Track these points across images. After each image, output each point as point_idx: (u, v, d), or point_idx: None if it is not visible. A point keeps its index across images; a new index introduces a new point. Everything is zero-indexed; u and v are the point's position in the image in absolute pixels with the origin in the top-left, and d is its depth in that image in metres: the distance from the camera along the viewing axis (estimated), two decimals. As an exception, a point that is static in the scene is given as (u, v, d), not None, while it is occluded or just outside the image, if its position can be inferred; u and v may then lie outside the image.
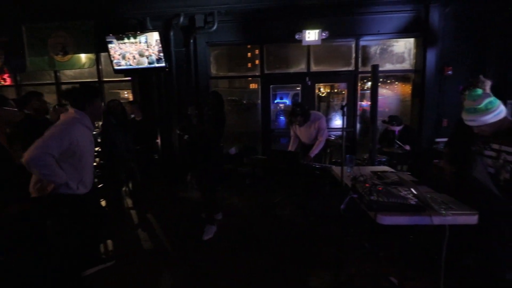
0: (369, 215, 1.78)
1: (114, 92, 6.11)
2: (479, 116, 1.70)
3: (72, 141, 1.97)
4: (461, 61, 4.47)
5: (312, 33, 4.58)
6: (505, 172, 1.62)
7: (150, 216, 3.71)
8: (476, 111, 1.70)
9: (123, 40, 4.57)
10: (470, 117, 1.74)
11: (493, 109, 1.67)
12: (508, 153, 1.62)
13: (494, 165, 1.68)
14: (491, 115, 1.67)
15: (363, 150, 4.89)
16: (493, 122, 1.67)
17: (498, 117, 1.68)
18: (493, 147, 1.68)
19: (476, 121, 1.72)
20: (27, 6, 4.61)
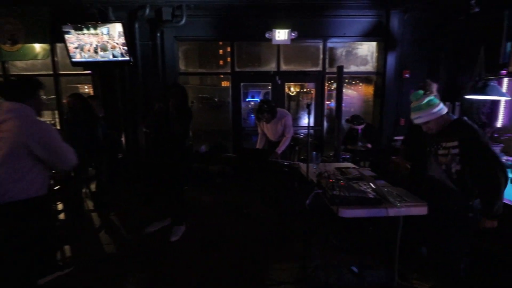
0: (332, 209, 1.86)
1: (73, 86, 5.67)
2: (423, 112, 1.86)
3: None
4: (417, 65, 4.83)
5: (282, 33, 4.65)
6: (456, 164, 1.79)
7: (114, 218, 3.51)
8: (420, 108, 1.87)
9: (82, 31, 4.25)
10: (416, 114, 1.90)
11: (434, 105, 1.84)
12: (452, 147, 1.79)
13: (445, 161, 1.84)
14: (433, 110, 1.84)
15: (330, 147, 5.09)
16: (435, 118, 1.84)
17: (440, 113, 1.84)
18: (444, 145, 1.84)
19: (421, 117, 1.88)
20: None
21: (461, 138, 1.75)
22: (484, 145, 1.70)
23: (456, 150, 1.77)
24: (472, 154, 1.72)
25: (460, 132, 1.76)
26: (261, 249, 2.75)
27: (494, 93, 3.07)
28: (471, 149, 1.72)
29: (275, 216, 3.45)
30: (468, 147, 1.72)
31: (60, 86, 5.05)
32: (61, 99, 5.05)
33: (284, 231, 3.10)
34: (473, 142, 1.71)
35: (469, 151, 1.72)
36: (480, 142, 1.70)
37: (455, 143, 1.77)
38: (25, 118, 1.74)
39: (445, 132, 1.83)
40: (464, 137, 1.74)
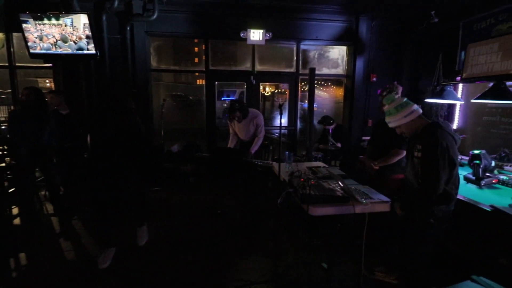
0: (303, 207, 1.90)
1: (31, 80, 5.24)
2: (393, 117, 1.92)
3: None
4: (383, 70, 5.12)
5: (256, 33, 4.68)
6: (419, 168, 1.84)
7: (75, 223, 3.29)
8: (390, 113, 1.94)
9: (42, 21, 3.93)
10: (388, 119, 1.97)
11: (404, 110, 1.88)
12: (418, 150, 1.84)
13: (416, 164, 1.88)
14: (402, 115, 1.86)
15: (303, 147, 5.21)
16: (406, 123, 1.88)
17: (410, 118, 1.85)
18: (418, 148, 1.87)
19: (391, 122, 1.95)
20: None
21: (424, 143, 1.78)
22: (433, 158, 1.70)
23: (419, 154, 1.81)
24: (423, 159, 1.77)
25: (425, 137, 1.79)
26: (233, 249, 2.75)
27: (450, 97, 3.34)
28: (423, 155, 1.77)
29: (248, 216, 3.46)
30: (423, 153, 1.77)
31: (17, 79, 4.63)
32: (17, 94, 4.64)
33: (257, 230, 3.12)
34: (429, 149, 1.73)
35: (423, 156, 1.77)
36: (433, 152, 1.71)
37: (420, 147, 1.82)
38: None
39: (418, 135, 1.87)
40: (425, 142, 1.77)
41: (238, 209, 3.65)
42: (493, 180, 2.49)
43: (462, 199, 2.18)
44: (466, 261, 2.18)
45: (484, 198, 2.18)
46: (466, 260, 2.19)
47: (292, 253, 2.64)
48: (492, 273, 1.80)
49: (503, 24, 3.51)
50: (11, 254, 2.62)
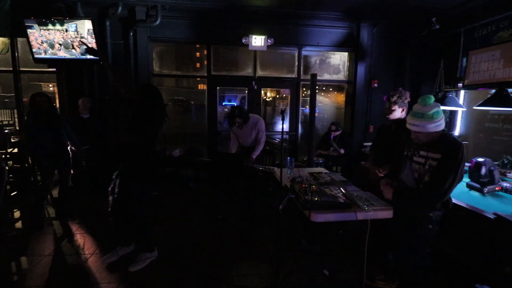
0: (304, 213, 1.89)
1: (35, 84, 5.29)
2: (424, 122, 1.74)
3: None
4: (384, 76, 5.14)
5: (258, 39, 4.71)
6: (427, 177, 1.80)
7: (75, 228, 3.28)
8: (423, 116, 1.75)
9: (46, 26, 3.98)
10: (415, 121, 1.78)
11: (437, 120, 1.73)
12: (432, 159, 1.79)
13: (419, 170, 1.85)
14: (433, 125, 1.73)
15: (304, 152, 5.21)
16: (431, 132, 1.74)
17: (437, 128, 1.74)
18: (422, 154, 1.84)
19: (418, 127, 1.76)
20: None
21: (446, 153, 1.71)
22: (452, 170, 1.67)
23: (435, 163, 1.74)
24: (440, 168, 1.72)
25: (447, 147, 1.72)
26: (233, 254, 2.73)
27: (452, 103, 3.35)
28: (443, 165, 1.71)
29: (248, 221, 3.44)
30: (443, 162, 1.71)
31: (21, 84, 4.67)
32: (21, 98, 4.67)
33: (257, 235, 3.10)
34: (450, 160, 1.68)
35: (442, 165, 1.72)
36: (454, 164, 1.67)
37: (437, 156, 1.74)
38: None
39: (429, 143, 1.81)
40: (448, 153, 1.70)
41: (239, 214, 3.63)
42: (496, 188, 2.47)
43: (465, 206, 2.17)
44: (470, 270, 2.15)
45: (487, 206, 2.16)
46: (470, 269, 2.16)
47: (293, 259, 2.61)
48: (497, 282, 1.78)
49: (505, 31, 3.53)
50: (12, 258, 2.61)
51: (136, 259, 2.52)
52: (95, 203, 3.92)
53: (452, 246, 2.19)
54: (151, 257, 2.58)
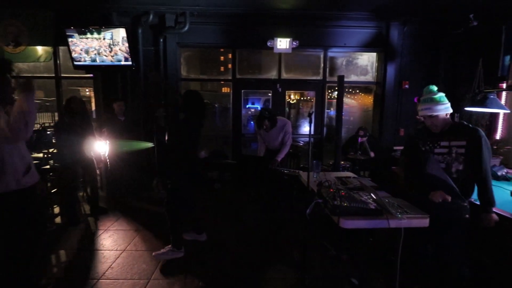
0: (333, 219, 1.84)
1: (74, 89, 5.68)
2: (434, 104, 1.93)
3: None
4: (416, 76, 4.89)
5: (283, 41, 4.71)
6: (458, 164, 1.88)
7: (108, 225, 3.47)
8: (432, 100, 1.94)
9: (85, 35, 4.28)
10: (426, 105, 1.96)
11: (444, 102, 1.93)
12: (458, 146, 1.88)
13: (445, 160, 1.92)
14: (442, 107, 1.92)
15: (329, 156, 5.10)
16: (442, 114, 1.92)
17: (447, 111, 1.93)
18: (443, 144, 1.93)
19: (430, 109, 1.93)
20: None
21: (470, 139, 1.84)
22: (486, 148, 1.83)
23: (462, 150, 1.86)
24: (475, 154, 1.83)
25: (469, 133, 1.86)
26: (257, 257, 2.72)
27: (494, 105, 3.09)
28: (476, 150, 1.82)
29: (272, 224, 3.43)
30: (474, 147, 1.83)
31: (62, 89, 5.05)
32: (61, 102, 5.05)
33: (282, 239, 3.07)
34: (480, 143, 1.82)
35: (474, 151, 1.83)
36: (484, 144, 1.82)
37: (462, 143, 1.86)
38: None
39: (447, 132, 1.93)
40: (472, 138, 1.84)
41: (262, 217, 3.63)
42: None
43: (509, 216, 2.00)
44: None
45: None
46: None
47: (319, 266, 2.55)
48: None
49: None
50: (52, 251, 2.81)
51: (164, 249, 2.69)
52: (127, 202, 4.12)
53: (493, 258, 2.02)
54: (177, 254, 2.68)
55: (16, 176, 1.73)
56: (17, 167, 1.74)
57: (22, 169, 1.76)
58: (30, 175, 1.81)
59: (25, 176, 1.78)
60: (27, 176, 1.79)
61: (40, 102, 6.25)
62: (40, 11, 4.49)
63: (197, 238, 3.00)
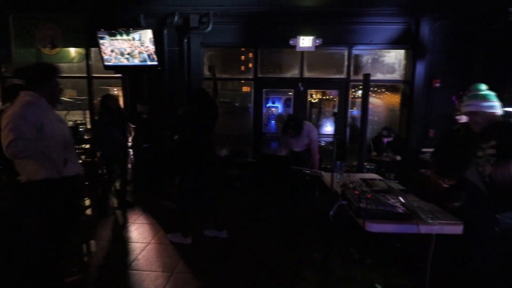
0: (358, 222, 1.79)
1: (104, 88, 5.97)
2: (477, 101, 1.81)
3: (38, 121, 1.78)
4: (448, 74, 4.61)
5: (306, 40, 4.64)
6: (489, 166, 1.73)
7: (134, 218, 3.61)
8: (477, 97, 1.84)
9: (115, 36, 4.48)
10: (469, 102, 1.85)
11: (491, 100, 1.80)
12: (489, 147, 1.74)
13: (481, 163, 1.78)
14: (486, 103, 1.79)
15: (353, 157, 4.95)
16: (485, 112, 1.78)
17: (492, 109, 1.79)
18: (482, 146, 1.78)
19: (471, 106, 1.83)
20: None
21: (499, 138, 1.70)
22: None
23: (492, 151, 1.72)
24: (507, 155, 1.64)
25: (499, 132, 1.72)
26: (278, 257, 2.70)
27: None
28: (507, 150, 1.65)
29: (293, 224, 3.39)
30: (505, 147, 1.67)
31: (93, 88, 5.33)
32: (92, 100, 5.33)
33: (303, 240, 3.03)
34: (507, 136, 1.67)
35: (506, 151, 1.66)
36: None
37: (492, 143, 1.73)
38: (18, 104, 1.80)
39: (485, 132, 1.80)
40: (502, 136, 1.69)
41: (283, 217, 3.60)
42: None
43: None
44: None
45: None
46: None
47: (342, 269, 2.49)
48: None
49: None
50: (83, 241, 2.98)
51: (175, 232, 2.97)
52: (152, 197, 4.27)
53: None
54: (182, 241, 2.91)
55: (56, 167, 1.89)
56: (57, 159, 1.89)
57: (61, 161, 1.91)
58: (68, 167, 1.95)
59: (64, 167, 1.93)
60: (66, 168, 1.94)
61: (72, 101, 6.64)
62: (74, 14, 4.77)
63: (218, 235, 3.06)
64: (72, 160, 2.01)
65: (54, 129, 1.89)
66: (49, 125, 1.85)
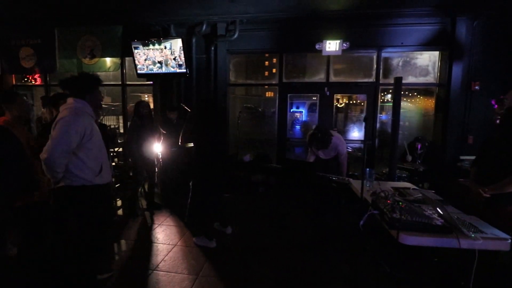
0: (391, 233, 1.69)
1: (135, 95, 6.30)
2: None
3: (82, 131, 1.91)
4: (489, 76, 4.28)
5: (332, 44, 4.56)
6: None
7: (162, 219, 3.72)
8: None
9: (148, 46, 4.72)
10: None
11: None
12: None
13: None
14: None
15: (382, 164, 4.74)
16: None
17: None
18: None
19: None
20: (60, 11, 4.86)
21: None
22: None
23: None
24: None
25: None
26: (303, 266, 2.64)
27: None
28: None
29: (319, 232, 3.30)
30: None
31: (126, 95, 5.64)
32: (126, 106, 5.64)
33: (328, 249, 2.93)
34: None
35: None
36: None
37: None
38: (68, 111, 1.94)
39: None
40: None
41: (308, 224, 3.52)
42: None
43: None
44: None
45: None
46: None
47: (371, 282, 2.37)
48: None
49: None
50: (114, 240, 3.12)
51: (199, 236, 3.05)
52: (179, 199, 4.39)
53: None
54: (208, 244, 2.97)
55: (92, 174, 2.02)
56: (94, 167, 2.03)
57: (97, 169, 2.05)
58: (101, 175, 2.07)
59: (99, 175, 2.05)
60: (100, 176, 2.06)
61: (107, 107, 7.08)
62: (111, 27, 5.11)
63: (222, 229, 3.27)
64: (106, 169, 2.13)
65: (95, 137, 2.02)
66: (93, 133, 1.98)
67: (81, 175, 1.97)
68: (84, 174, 1.98)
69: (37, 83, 6.05)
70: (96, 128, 2.07)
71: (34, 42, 5.46)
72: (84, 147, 1.95)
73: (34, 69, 5.58)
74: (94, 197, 2.05)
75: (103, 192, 2.11)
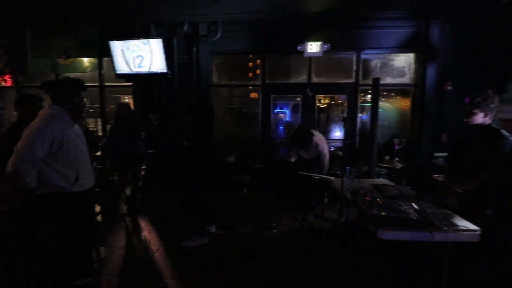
0: (369, 229, 1.74)
1: (115, 96, 6.11)
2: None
3: (50, 138, 1.82)
4: (460, 77, 4.51)
5: (314, 45, 4.64)
6: None
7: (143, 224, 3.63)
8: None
9: (127, 46, 4.59)
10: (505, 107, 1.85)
11: None
12: None
13: None
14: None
15: (362, 162, 4.87)
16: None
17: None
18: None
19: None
20: (32, 9, 4.63)
21: None
22: None
23: None
24: None
25: None
26: (289, 264, 2.66)
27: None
28: None
29: (303, 230, 3.34)
30: None
31: (104, 96, 5.46)
32: (104, 108, 5.45)
33: (312, 247, 2.97)
34: None
35: None
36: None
37: None
38: (40, 118, 1.87)
39: None
40: None
41: (293, 223, 3.55)
42: None
43: None
44: None
45: None
46: None
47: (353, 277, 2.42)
48: None
49: None
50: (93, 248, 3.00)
51: (190, 238, 3.01)
52: (161, 202, 4.30)
53: None
54: (202, 241, 2.99)
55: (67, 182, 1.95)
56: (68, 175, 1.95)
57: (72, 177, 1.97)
58: (80, 182, 1.99)
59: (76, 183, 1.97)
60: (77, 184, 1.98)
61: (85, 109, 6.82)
62: (88, 26, 4.93)
63: (206, 228, 3.24)
64: (85, 176, 2.04)
65: (69, 147, 1.93)
66: (65, 140, 1.89)
67: (56, 183, 1.90)
68: (59, 182, 1.91)
69: (8, 84, 5.73)
70: (72, 134, 1.97)
71: (4, 41, 5.17)
72: (56, 155, 1.87)
73: (4, 70, 5.28)
74: (72, 204, 1.97)
75: (82, 199, 2.03)
